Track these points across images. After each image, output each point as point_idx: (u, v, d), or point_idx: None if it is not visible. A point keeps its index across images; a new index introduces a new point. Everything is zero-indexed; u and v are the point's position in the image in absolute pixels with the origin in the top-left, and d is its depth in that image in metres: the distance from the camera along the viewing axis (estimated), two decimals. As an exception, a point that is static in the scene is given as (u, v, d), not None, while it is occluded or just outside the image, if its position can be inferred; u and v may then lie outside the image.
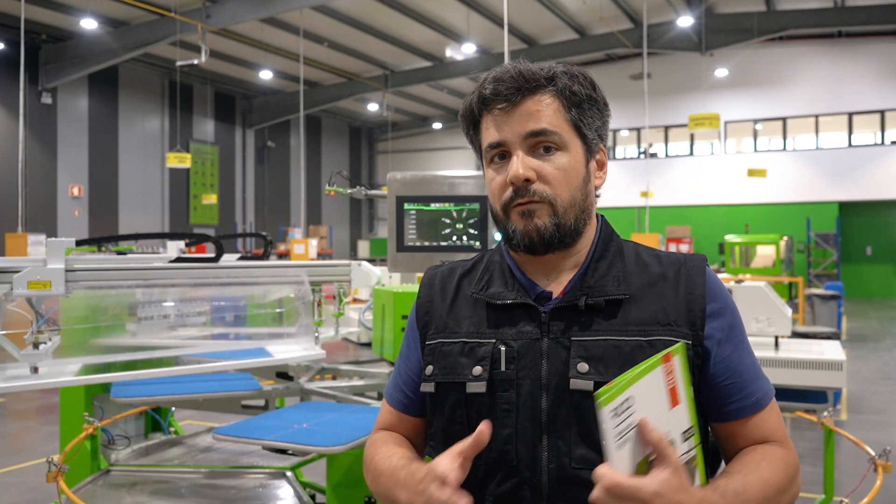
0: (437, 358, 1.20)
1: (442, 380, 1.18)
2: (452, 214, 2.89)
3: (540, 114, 1.13)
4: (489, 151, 1.17)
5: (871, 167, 21.30)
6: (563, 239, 1.13)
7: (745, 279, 7.31)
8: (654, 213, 21.08)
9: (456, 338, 1.19)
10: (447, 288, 1.26)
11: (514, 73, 1.14)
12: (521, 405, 1.10)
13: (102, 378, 2.89)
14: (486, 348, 1.14)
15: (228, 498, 2.86)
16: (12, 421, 7.17)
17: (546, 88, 1.14)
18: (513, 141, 1.13)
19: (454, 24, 19.70)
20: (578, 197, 1.14)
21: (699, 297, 1.14)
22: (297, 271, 3.21)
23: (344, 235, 29.68)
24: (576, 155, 1.15)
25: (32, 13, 16.21)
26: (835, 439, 3.41)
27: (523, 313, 1.15)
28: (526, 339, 1.13)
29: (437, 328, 1.23)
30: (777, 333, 4.02)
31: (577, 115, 1.15)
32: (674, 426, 0.98)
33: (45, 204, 18.79)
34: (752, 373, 1.16)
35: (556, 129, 1.13)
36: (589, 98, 1.16)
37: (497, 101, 1.14)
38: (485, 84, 1.16)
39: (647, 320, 1.11)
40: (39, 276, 2.58)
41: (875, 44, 21.17)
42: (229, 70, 22.70)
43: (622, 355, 1.08)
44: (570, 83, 1.15)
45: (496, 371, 1.13)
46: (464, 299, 1.22)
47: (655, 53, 21.39)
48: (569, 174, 1.13)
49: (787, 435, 1.17)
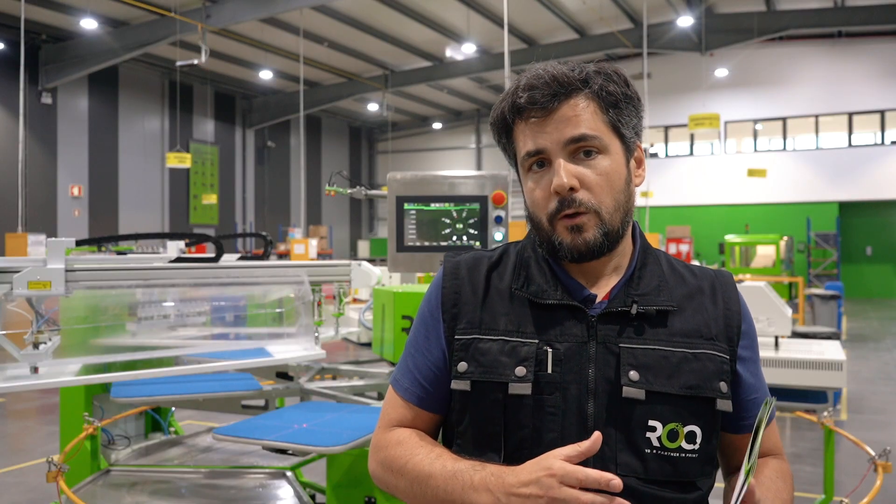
0: (472, 355, 1.13)
1: (480, 378, 1.12)
2: (452, 214, 2.89)
3: (578, 118, 1.10)
4: (527, 160, 1.14)
5: (871, 167, 21.31)
6: (610, 245, 1.12)
7: (745, 279, 7.31)
8: (654, 213, 21.08)
9: (494, 335, 1.13)
10: (476, 280, 1.19)
11: (548, 78, 1.11)
12: (568, 409, 1.08)
13: (102, 378, 2.89)
14: (529, 348, 1.10)
15: (228, 498, 2.86)
16: (12, 421, 7.16)
17: (581, 91, 1.11)
18: (553, 149, 1.10)
19: (454, 24, 19.70)
20: (622, 199, 1.13)
21: (736, 313, 1.17)
22: (297, 271, 3.21)
23: (344, 235, 29.69)
24: (616, 156, 1.13)
25: (32, 13, 16.21)
26: (835, 439, 3.41)
27: (568, 315, 1.12)
28: (572, 342, 1.10)
29: (471, 323, 1.16)
30: (777, 333, 4.02)
31: (615, 115, 1.13)
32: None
33: (45, 204, 18.79)
34: (766, 387, 1.22)
35: (596, 132, 1.10)
36: (625, 96, 1.13)
37: (533, 109, 1.11)
38: (518, 92, 1.12)
39: (692, 332, 1.12)
40: (39, 276, 2.58)
41: (875, 44, 21.17)
42: (229, 70, 22.70)
43: (670, 366, 1.09)
44: (606, 83, 1.12)
45: (541, 373, 1.09)
46: (496, 294, 1.17)
47: (655, 53, 21.39)
48: (611, 178, 1.12)
49: (780, 444, 1.27)
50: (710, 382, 1.10)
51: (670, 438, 1.07)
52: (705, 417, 1.09)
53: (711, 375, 1.10)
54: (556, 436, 1.07)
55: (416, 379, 1.20)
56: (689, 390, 1.08)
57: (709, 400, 1.10)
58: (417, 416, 1.21)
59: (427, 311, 1.22)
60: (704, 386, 1.09)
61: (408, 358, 1.23)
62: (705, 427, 1.09)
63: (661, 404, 1.06)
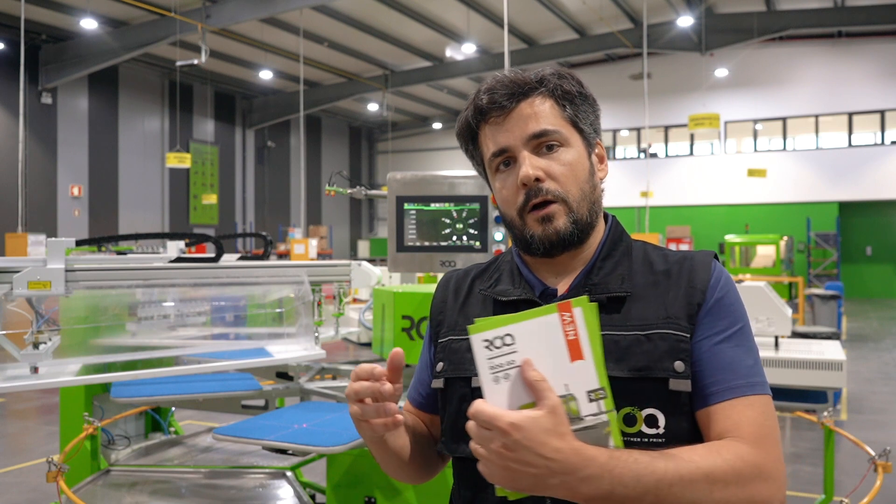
0: (447, 355, 1.24)
1: (450, 375, 1.22)
2: (452, 214, 2.89)
3: (538, 115, 1.16)
4: (494, 160, 1.19)
5: (871, 167, 21.31)
6: (580, 235, 1.16)
7: (745, 279, 7.31)
8: (654, 213, 21.09)
9: (465, 334, 1.17)
10: (461, 288, 1.30)
11: (505, 81, 1.17)
12: None
13: (102, 378, 2.89)
14: None
15: (228, 498, 2.86)
16: (12, 421, 7.16)
17: (538, 90, 1.17)
18: (516, 145, 1.16)
19: (454, 24, 19.70)
20: (587, 189, 1.17)
21: (699, 290, 1.13)
22: (297, 271, 3.21)
23: (344, 235, 29.69)
24: (578, 149, 1.18)
25: (32, 13, 16.21)
26: (835, 439, 3.41)
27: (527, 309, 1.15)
28: None
29: (449, 326, 1.27)
30: (777, 333, 4.02)
31: (572, 111, 1.18)
32: (574, 381, 0.95)
33: (45, 204, 18.79)
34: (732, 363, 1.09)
35: (556, 126, 1.16)
36: (580, 94, 1.19)
37: (493, 110, 1.17)
38: (479, 96, 1.18)
39: (649, 316, 1.11)
40: (39, 276, 2.58)
41: (875, 44, 21.18)
42: (229, 70, 22.70)
43: (619, 349, 1.08)
44: (560, 82, 1.18)
45: None
46: (475, 298, 1.26)
47: (655, 53, 21.39)
48: (575, 168, 1.16)
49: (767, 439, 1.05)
50: (661, 363, 1.07)
51: (627, 423, 1.05)
52: (662, 399, 1.06)
53: (663, 355, 1.07)
54: None
55: (416, 385, 1.36)
56: (637, 372, 1.06)
57: (662, 380, 1.06)
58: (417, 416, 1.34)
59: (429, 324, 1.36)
60: (655, 367, 1.07)
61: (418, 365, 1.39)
62: (666, 409, 1.06)
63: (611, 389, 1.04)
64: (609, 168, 1.27)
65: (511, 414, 0.92)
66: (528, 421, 0.91)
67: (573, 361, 0.96)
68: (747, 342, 1.14)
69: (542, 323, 0.96)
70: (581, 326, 0.96)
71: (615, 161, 24.27)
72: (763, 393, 1.09)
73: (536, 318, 0.96)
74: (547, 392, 0.93)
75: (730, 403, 1.06)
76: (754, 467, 1.01)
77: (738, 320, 1.14)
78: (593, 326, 0.97)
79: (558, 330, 0.96)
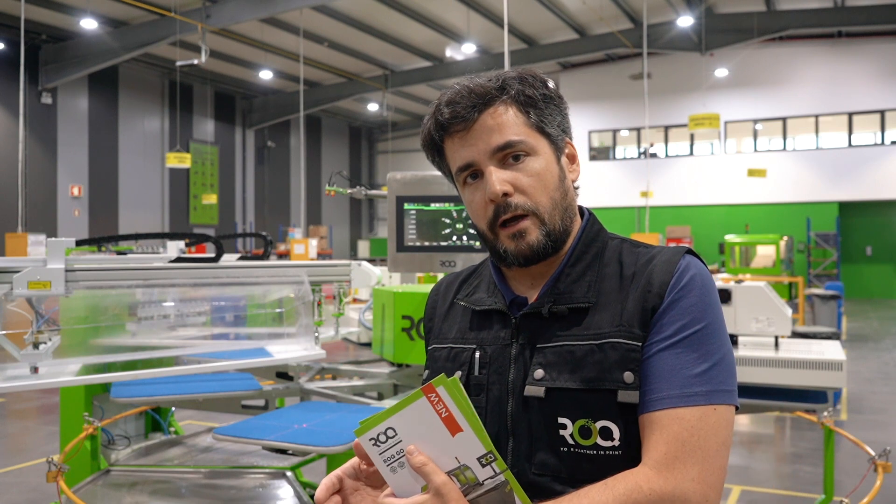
0: (430, 363, 1.24)
1: None
2: (452, 214, 2.89)
3: (501, 126, 1.12)
4: (460, 174, 1.16)
5: (871, 167, 21.31)
6: (555, 245, 1.13)
7: (745, 279, 7.30)
8: (654, 213, 21.09)
9: (445, 343, 1.23)
10: (448, 294, 1.30)
11: (464, 92, 1.13)
12: (490, 409, 1.12)
13: (102, 378, 2.90)
14: (466, 353, 1.17)
15: (228, 498, 2.86)
16: (12, 421, 7.16)
17: (500, 98, 1.13)
18: (481, 159, 1.12)
19: (454, 24, 19.70)
20: (557, 197, 1.14)
21: (656, 295, 1.06)
22: (297, 271, 3.21)
23: (344, 235, 29.69)
24: (545, 156, 1.14)
25: (32, 13, 16.21)
26: (835, 439, 3.41)
27: (499, 319, 1.17)
28: (498, 345, 1.15)
29: (435, 334, 1.27)
30: (777, 333, 4.02)
31: (537, 116, 1.14)
32: (462, 452, 0.99)
33: (45, 204, 18.79)
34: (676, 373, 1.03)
35: (520, 136, 1.12)
36: (544, 97, 1.15)
37: (455, 123, 1.13)
38: (439, 109, 1.14)
39: (604, 324, 1.07)
40: (39, 276, 2.58)
41: (875, 44, 21.17)
42: (229, 70, 22.70)
43: (574, 360, 1.06)
44: (522, 87, 1.13)
45: (471, 375, 1.15)
46: (457, 306, 1.26)
47: (655, 53, 21.39)
48: (543, 178, 1.12)
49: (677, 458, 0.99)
50: (611, 373, 1.03)
51: (583, 435, 1.04)
52: (614, 411, 1.02)
53: (613, 366, 1.03)
54: None
55: None
56: (588, 383, 1.04)
57: (612, 392, 1.03)
58: None
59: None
60: (605, 378, 1.03)
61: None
62: (621, 422, 1.02)
63: (564, 401, 1.05)
64: (609, 169, 1.25)
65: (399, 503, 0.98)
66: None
67: (454, 435, 0.99)
68: (703, 346, 1.04)
69: (415, 409, 0.99)
70: (449, 403, 0.99)
71: (615, 161, 24.30)
72: (700, 404, 1.01)
73: (408, 405, 1.00)
74: (431, 475, 0.97)
75: (655, 416, 1.01)
76: (652, 496, 0.96)
77: (694, 322, 1.05)
78: (460, 399, 0.99)
79: (430, 411, 0.99)
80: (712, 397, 1.01)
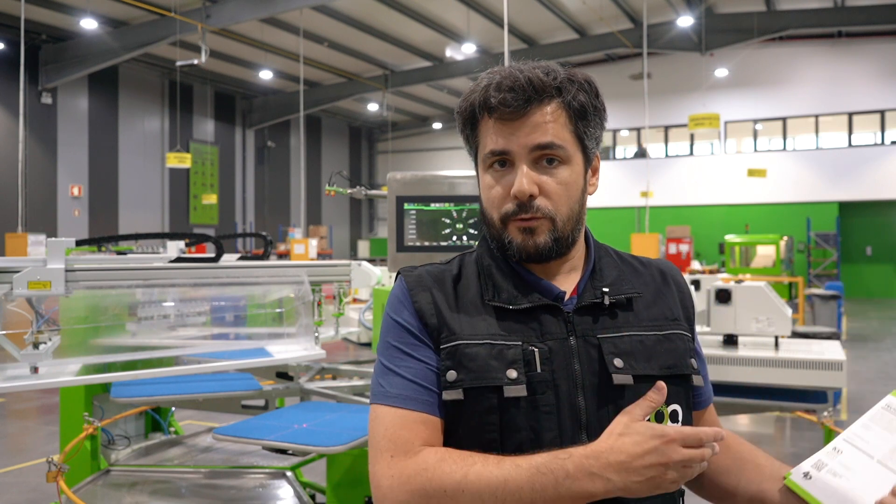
0: (460, 361, 1.09)
1: (473, 385, 1.07)
2: (452, 214, 2.89)
3: (547, 126, 1.10)
4: (489, 158, 1.14)
5: (871, 167, 21.31)
6: (560, 251, 1.14)
7: (745, 279, 7.30)
8: (654, 213, 21.07)
9: (477, 339, 1.10)
10: (446, 290, 1.17)
11: (523, 81, 1.10)
12: (561, 406, 1.08)
13: (102, 378, 2.89)
14: (515, 350, 1.08)
15: (228, 498, 2.86)
16: (12, 421, 7.16)
17: (555, 99, 1.11)
18: (518, 152, 1.11)
19: (454, 24, 19.70)
20: (576, 209, 1.15)
21: (688, 296, 1.25)
22: (297, 271, 3.21)
23: (344, 235, 29.68)
24: (576, 167, 1.14)
25: (32, 13, 16.21)
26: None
27: (545, 314, 1.13)
28: (555, 339, 1.10)
29: (451, 330, 1.12)
30: (777, 333, 4.02)
31: (583, 127, 1.14)
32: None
33: (45, 204, 18.79)
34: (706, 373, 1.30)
35: (562, 142, 1.11)
36: (594, 108, 1.14)
37: (504, 108, 1.10)
38: (491, 91, 1.12)
39: (657, 316, 1.18)
40: (39, 276, 2.58)
41: (875, 44, 21.18)
42: (229, 70, 22.70)
43: (646, 349, 1.13)
44: (577, 93, 1.12)
45: (532, 373, 1.07)
46: (469, 304, 1.15)
47: (655, 53, 21.39)
48: (570, 188, 1.13)
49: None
50: (684, 360, 1.16)
51: (658, 419, 1.09)
52: (683, 395, 1.15)
53: (683, 353, 1.16)
54: (555, 434, 1.07)
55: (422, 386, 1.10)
56: (668, 370, 1.12)
57: (685, 377, 1.15)
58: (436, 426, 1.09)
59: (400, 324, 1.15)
60: (679, 364, 1.14)
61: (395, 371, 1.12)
62: (684, 405, 1.15)
63: (646, 387, 1.06)
64: (609, 169, 1.27)
65: None
66: None
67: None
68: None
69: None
70: None
71: (615, 161, 24.28)
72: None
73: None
74: None
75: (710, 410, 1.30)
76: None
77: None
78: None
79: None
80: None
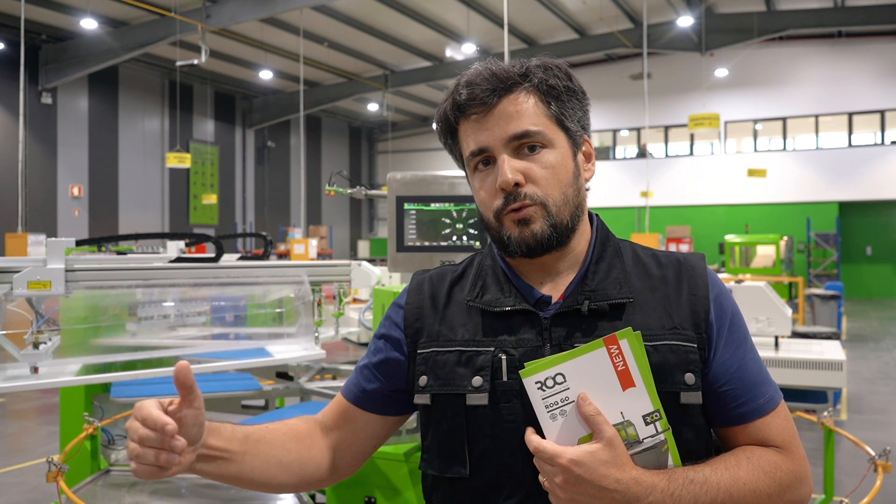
0: (431, 368, 1.12)
1: (439, 391, 1.11)
2: (452, 214, 2.89)
3: (520, 114, 1.08)
4: (472, 159, 1.12)
5: (871, 167, 21.30)
6: (560, 239, 1.09)
7: (745, 279, 7.30)
8: (654, 213, 21.07)
9: (451, 346, 1.12)
10: (437, 294, 1.19)
11: (486, 74, 1.09)
12: (527, 417, 1.04)
13: (102, 378, 2.89)
14: (485, 357, 1.08)
15: (228, 498, 2.86)
16: (12, 421, 7.16)
17: (522, 85, 1.09)
18: (495, 146, 1.08)
19: (454, 24, 19.70)
20: (570, 193, 1.10)
21: (703, 298, 1.10)
22: (297, 271, 3.21)
23: (344, 235, 29.68)
24: (562, 150, 1.10)
25: (32, 13, 16.20)
26: (835, 439, 3.41)
27: (523, 320, 1.10)
28: (527, 347, 1.07)
29: (430, 336, 1.15)
30: (777, 333, 4.02)
31: (558, 108, 1.10)
32: (629, 408, 0.99)
33: (45, 204, 18.79)
34: (755, 377, 1.11)
35: (539, 126, 1.08)
36: (567, 89, 1.11)
37: (473, 105, 1.09)
38: (458, 90, 1.10)
39: (652, 325, 1.07)
40: (39, 276, 2.58)
41: (875, 44, 21.17)
42: (229, 70, 22.70)
43: None
44: (546, 76, 1.09)
45: (497, 381, 1.06)
46: (456, 307, 1.16)
47: (655, 53, 21.38)
48: (557, 171, 1.09)
49: (792, 442, 1.10)
50: (672, 376, 1.04)
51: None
52: (671, 412, 1.03)
53: (673, 368, 1.05)
54: (517, 444, 1.04)
55: (359, 381, 1.24)
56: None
57: (673, 394, 1.04)
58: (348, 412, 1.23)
59: (389, 322, 1.23)
60: (666, 380, 1.04)
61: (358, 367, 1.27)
62: (673, 421, 1.03)
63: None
64: (609, 169, 1.23)
65: (570, 450, 0.94)
66: (586, 456, 0.93)
67: (625, 390, 0.99)
68: (751, 345, 1.14)
69: (591, 358, 0.99)
70: (629, 356, 1.00)
71: (615, 161, 24.27)
72: (780, 398, 1.14)
73: (584, 354, 1.00)
74: (603, 425, 0.96)
75: (763, 421, 1.10)
76: (791, 474, 1.07)
77: (742, 324, 1.14)
78: (640, 354, 1.00)
79: (607, 363, 0.99)
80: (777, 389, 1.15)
